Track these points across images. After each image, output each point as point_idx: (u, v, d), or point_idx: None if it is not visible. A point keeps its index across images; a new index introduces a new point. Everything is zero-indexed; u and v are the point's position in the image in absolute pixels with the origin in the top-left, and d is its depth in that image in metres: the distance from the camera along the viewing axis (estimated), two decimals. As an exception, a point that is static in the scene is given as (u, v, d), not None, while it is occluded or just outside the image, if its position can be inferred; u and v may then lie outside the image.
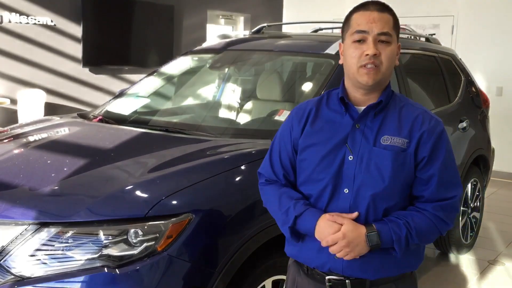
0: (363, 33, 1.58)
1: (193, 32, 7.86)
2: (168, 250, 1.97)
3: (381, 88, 1.64)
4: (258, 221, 2.21)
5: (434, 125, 1.62)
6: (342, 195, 1.61)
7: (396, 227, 1.56)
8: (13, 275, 1.95)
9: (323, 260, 1.64)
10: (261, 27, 4.00)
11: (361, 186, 1.59)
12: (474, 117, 4.36)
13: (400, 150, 1.59)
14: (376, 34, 1.57)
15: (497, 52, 7.09)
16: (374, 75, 1.58)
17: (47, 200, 2.13)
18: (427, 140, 1.60)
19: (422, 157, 1.60)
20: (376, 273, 1.63)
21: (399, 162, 1.58)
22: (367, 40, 1.58)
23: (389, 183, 1.57)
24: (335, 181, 1.61)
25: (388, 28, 1.59)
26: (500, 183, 6.98)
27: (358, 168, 1.59)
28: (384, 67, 1.59)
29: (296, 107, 1.80)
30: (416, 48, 4.01)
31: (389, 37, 1.59)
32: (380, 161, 1.58)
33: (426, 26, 7.63)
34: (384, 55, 1.58)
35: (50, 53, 6.30)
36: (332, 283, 1.66)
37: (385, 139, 1.60)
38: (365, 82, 1.59)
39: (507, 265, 4.26)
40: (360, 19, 1.60)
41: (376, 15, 1.58)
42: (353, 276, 1.63)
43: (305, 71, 3.59)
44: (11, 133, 3.00)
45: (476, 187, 4.42)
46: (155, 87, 3.70)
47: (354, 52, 1.59)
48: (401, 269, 1.67)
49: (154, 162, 2.38)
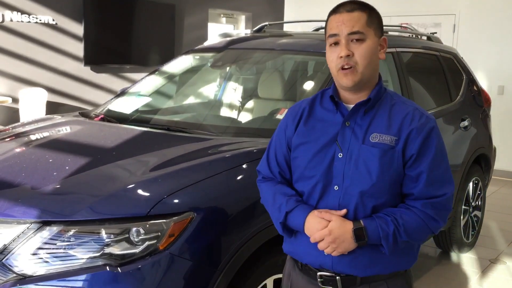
0: (335, 36, 1.61)
1: (194, 31, 7.86)
2: (170, 249, 1.97)
3: (370, 86, 1.65)
4: (259, 219, 2.22)
5: (424, 122, 1.62)
6: (332, 192, 1.62)
7: (384, 223, 1.57)
8: (15, 274, 1.95)
9: (314, 256, 1.66)
10: (263, 26, 4.00)
11: (350, 183, 1.60)
12: (476, 116, 4.36)
13: (388, 147, 1.59)
14: (346, 34, 1.59)
15: (499, 51, 7.08)
16: (352, 76, 1.59)
17: (49, 198, 2.13)
18: (415, 137, 1.60)
19: (411, 154, 1.60)
20: (365, 270, 1.63)
21: (387, 159, 1.59)
22: (340, 43, 1.60)
23: (377, 180, 1.58)
24: (326, 178, 1.63)
25: (359, 27, 1.59)
26: (501, 181, 6.98)
27: (347, 166, 1.61)
28: (361, 66, 1.59)
29: (291, 106, 1.82)
30: (417, 47, 4.01)
31: (362, 35, 1.59)
32: (368, 158, 1.59)
33: (428, 25, 7.62)
34: (358, 54, 1.59)
35: (52, 52, 6.30)
36: (323, 279, 1.67)
37: (374, 136, 1.61)
38: (345, 84, 1.61)
39: (509, 263, 4.26)
40: (332, 23, 1.63)
41: (345, 16, 1.60)
42: (343, 273, 1.64)
43: (306, 70, 3.59)
44: (13, 132, 3.00)
45: (478, 185, 4.41)
46: (157, 86, 3.71)
47: (331, 56, 1.62)
48: (392, 267, 1.66)
49: (156, 160, 2.39)
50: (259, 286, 2.29)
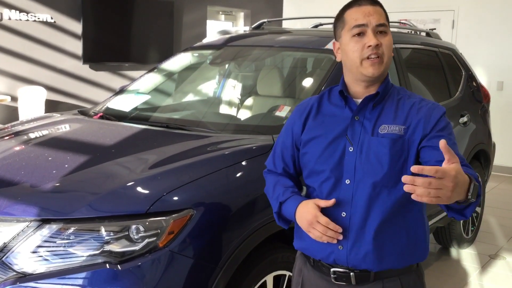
0: (362, 26, 1.62)
1: (193, 28, 7.85)
2: (169, 246, 1.97)
3: (381, 80, 1.67)
4: (259, 216, 2.22)
5: (431, 107, 1.64)
6: (344, 186, 1.63)
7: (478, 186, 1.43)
8: (15, 272, 1.95)
9: (327, 251, 1.66)
10: (261, 22, 4.00)
11: (362, 176, 1.61)
12: (475, 112, 4.36)
13: (397, 136, 1.61)
14: (375, 25, 1.62)
15: (498, 46, 7.08)
16: (379, 65, 1.62)
17: (49, 196, 2.13)
18: (426, 122, 1.60)
19: (425, 134, 1.58)
20: (380, 263, 1.62)
21: (397, 148, 1.60)
22: (366, 33, 1.62)
23: (388, 169, 1.59)
24: (337, 172, 1.64)
25: (383, 20, 1.64)
26: (501, 177, 6.98)
27: (358, 159, 1.62)
28: (386, 57, 1.63)
29: (299, 103, 1.84)
30: (416, 42, 4.00)
31: (386, 28, 1.64)
32: (378, 149, 1.60)
33: (427, 21, 7.61)
34: (385, 45, 1.62)
35: (50, 50, 6.30)
36: (336, 275, 1.67)
37: (383, 128, 1.63)
38: (371, 74, 1.62)
39: (508, 259, 4.27)
40: (356, 14, 1.64)
41: (370, 9, 1.64)
42: (357, 267, 1.64)
43: (305, 67, 3.59)
44: (12, 130, 3.00)
45: (477, 181, 4.41)
46: (156, 84, 3.70)
47: (355, 46, 1.62)
48: (406, 259, 1.66)
49: (155, 158, 2.39)
50: (259, 282, 2.29)
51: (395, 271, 1.66)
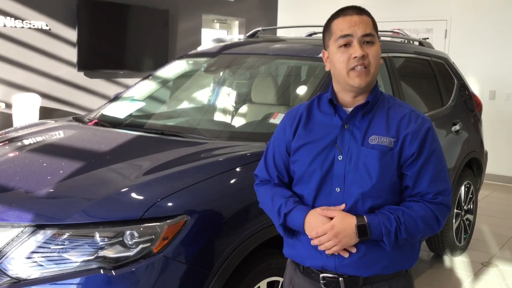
0: (348, 37, 1.62)
1: (188, 37, 7.88)
2: (163, 252, 1.98)
3: (369, 89, 1.68)
4: (253, 222, 2.23)
5: (420, 123, 1.66)
6: (334, 194, 1.64)
7: (387, 220, 1.58)
8: (10, 277, 1.95)
9: (316, 258, 1.67)
10: (256, 31, 4.03)
11: (351, 185, 1.62)
12: (467, 120, 4.40)
13: (387, 149, 1.62)
14: (361, 36, 1.62)
15: (490, 56, 7.14)
16: (365, 76, 1.62)
17: (43, 202, 2.13)
18: (414, 138, 1.63)
19: (411, 153, 1.63)
20: (368, 270, 1.64)
21: (386, 160, 1.62)
22: (352, 43, 1.62)
23: (376, 181, 1.61)
24: (326, 180, 1.65)
25: (370, 29, 1.64)
26: (493, 186, 7.02)
27: (347, 168, 1.63)
28: (373, 67, 1.63)
29: (288, 111, 1.84)
30: (409, 51, 4.04)
31: (373, 37, 1.64)
32: (367, 160, 1.62)
33: (420, 30, 7.68)
34: (371, 55, 1.62)
35: (45, 57, 6.30)
36: (326, 281, 1.68)
37: (373, 138, 1.64)
38: (357, 85, 1.62)
39: (501, 267, 4.29)
40: (342, 24, 1.64)
41: (356, 18, 1.63)
42: (345, 274, 1.65)
43: (299, 75, 3.61)
44: (6, 137, 3.00)
45: (470, 189, 4.45)
46: (150, 91, 3.72)
47: (342, 57, 1.63)
48: (394, 266, 1.68)
49: (149, 164, 2.40)
50: (253, 288, 2.30)
51: (384, 276, 1.68)
